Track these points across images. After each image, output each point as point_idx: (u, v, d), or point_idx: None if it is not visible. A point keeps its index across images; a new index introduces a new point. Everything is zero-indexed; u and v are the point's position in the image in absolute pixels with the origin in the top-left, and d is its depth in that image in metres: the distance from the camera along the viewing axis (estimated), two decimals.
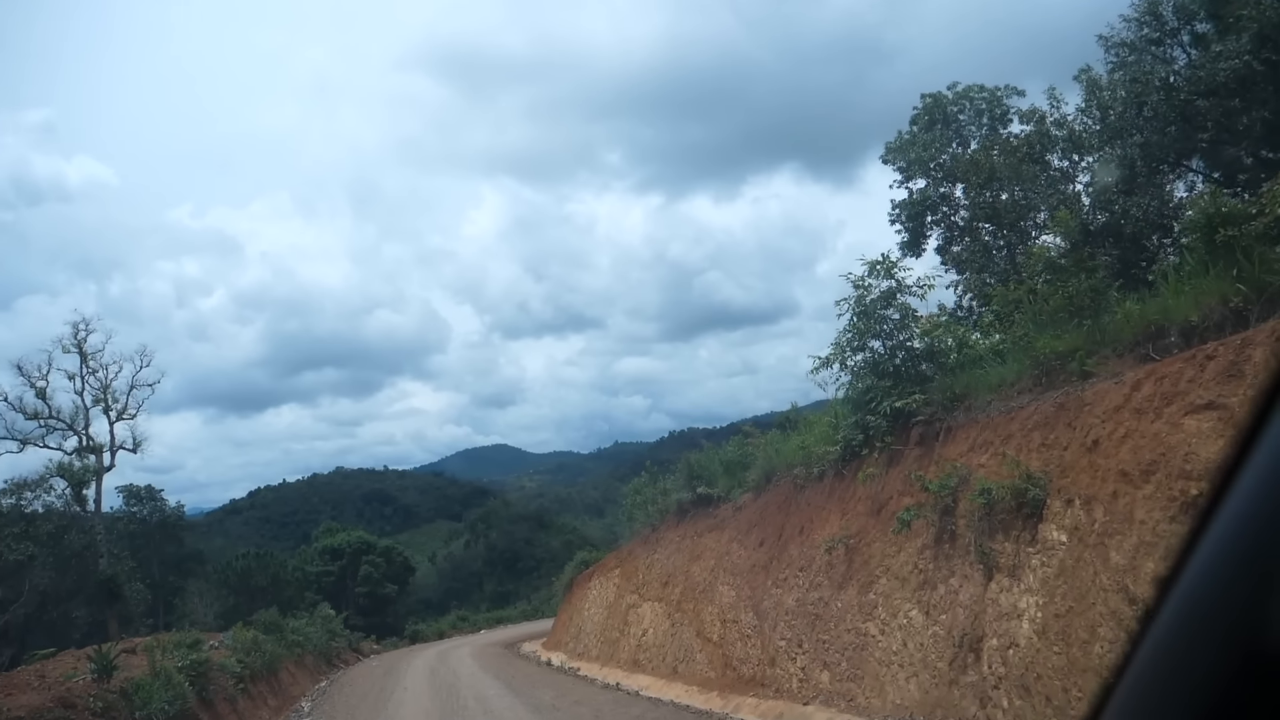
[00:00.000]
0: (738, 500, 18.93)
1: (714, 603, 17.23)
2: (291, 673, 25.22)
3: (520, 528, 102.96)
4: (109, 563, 33.65)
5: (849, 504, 13.56)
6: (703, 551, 19.19)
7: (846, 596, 12.47)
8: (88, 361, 35.12)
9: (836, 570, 12.98)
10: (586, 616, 27.86)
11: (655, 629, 20.22)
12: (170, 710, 13.66)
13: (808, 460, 15.54)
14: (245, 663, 19.65)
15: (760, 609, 15.09)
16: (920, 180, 24.10)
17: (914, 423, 12.72)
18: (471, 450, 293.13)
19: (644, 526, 25.29)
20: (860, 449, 13.84)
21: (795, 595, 13.99)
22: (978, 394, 11.87)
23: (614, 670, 21.01)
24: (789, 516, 15.51)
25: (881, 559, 12.00)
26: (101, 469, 34.45)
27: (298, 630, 29.63)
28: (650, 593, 21.53)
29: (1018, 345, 11.98)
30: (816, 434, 15.63)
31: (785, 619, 14.05)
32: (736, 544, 17.27)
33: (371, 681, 24.71)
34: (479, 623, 61.19)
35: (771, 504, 16.54)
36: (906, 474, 12.28)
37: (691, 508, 21.48)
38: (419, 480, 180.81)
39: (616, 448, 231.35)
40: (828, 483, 14.63)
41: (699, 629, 17.55)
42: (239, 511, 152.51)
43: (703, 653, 17.06)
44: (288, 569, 59.67)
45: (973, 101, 24.33)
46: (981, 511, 10.16)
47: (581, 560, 34.73)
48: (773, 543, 15.63)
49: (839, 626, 12.41)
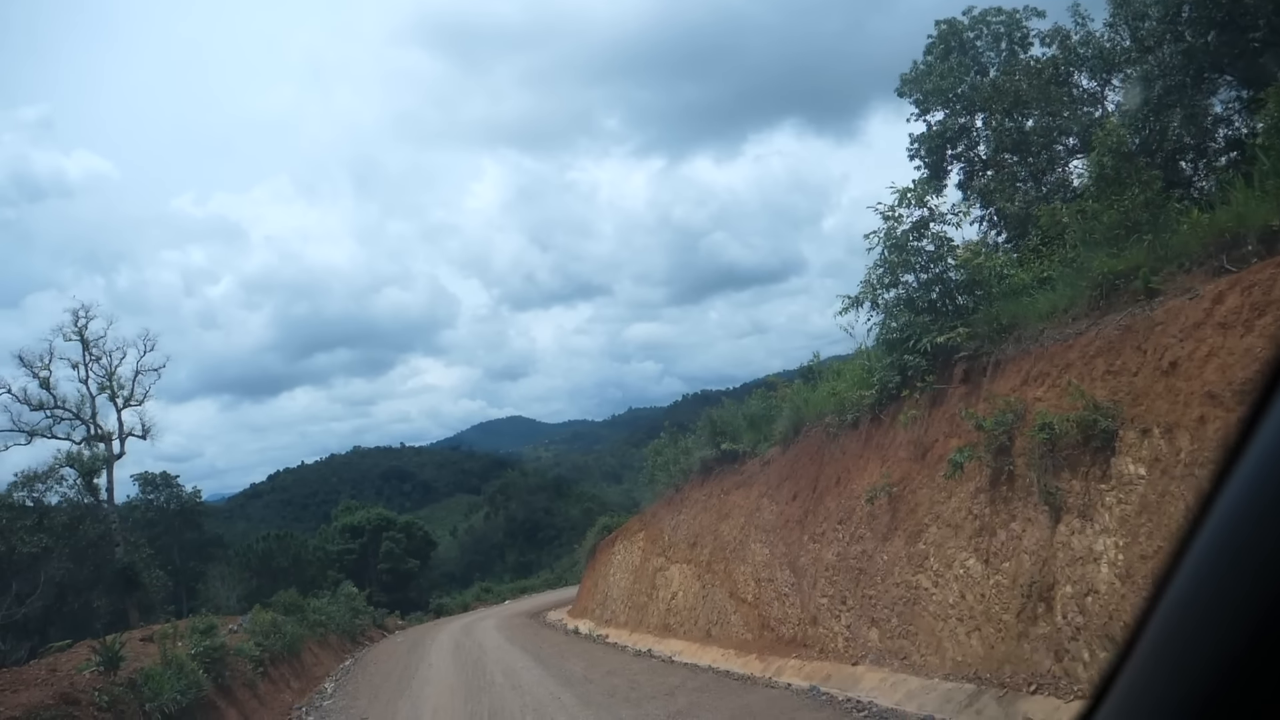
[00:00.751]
0: (764, 455, 18.12)
1: (746, 562, 16.48)
2: (315, 653, 24.71)
3: (539, 498, 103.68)
4: (125, 551, 33.15)
5: (889, 450, 12.70)
6: (731, 509, 18.41)
7: (893, 548, 11.65)
8: (90, 349, 34.44)
9: (880, 521, 12.15)
10: (612, 582, 27.24)
11: (685, 592, 19.51)
12: (184, 700, 13.00)
13: (840, 408, 14.67)
14: (264, 645, 19.06)
15: (797, 566, 14.31)
16: (939, 113, 22.99)
17: (957, 359, 11.82)
18: (487, 423, 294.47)
19: (667, 488, 24.54)
20: (897, 391, 12.96)
21: (835, 550, 13.18)
22: (1027, 324, 10.93)
23: (644, 636, 20.37)
24: (823, 468, 14.67)
25: (930, 506, 11.16)
26: (112, 457, 33.87)
27: (319, 610, 29.12)
28: (678, 554, 20.81)
29: (1069, 268, 11.03)
30: (849, 379, 14.74)
31: (825, 575, 13.26)
32: (767, 500, 16.46)
33: (395, 659, 24.17)
34: (503, 593, 61.03)
35: (802, 456, 15.70)
36: (952, 414, 11.41)
37: (716, 465, 20.69)
38: (436, 456, 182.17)
39: (631, 414, 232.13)
40: (863, 430, 13.77)
41: (732, 589, 16.81)
42: (260, 495, 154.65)
43: (737, 614, 16.33)
44: (309, 549, 59.50)
45: (990, 26, 23.09)
46: (1043, 448, 9.28)
47: (604, 525, 34.09)
48: (807, 496, 14.81)
49: (886, 580, 11.60)
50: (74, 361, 34.38)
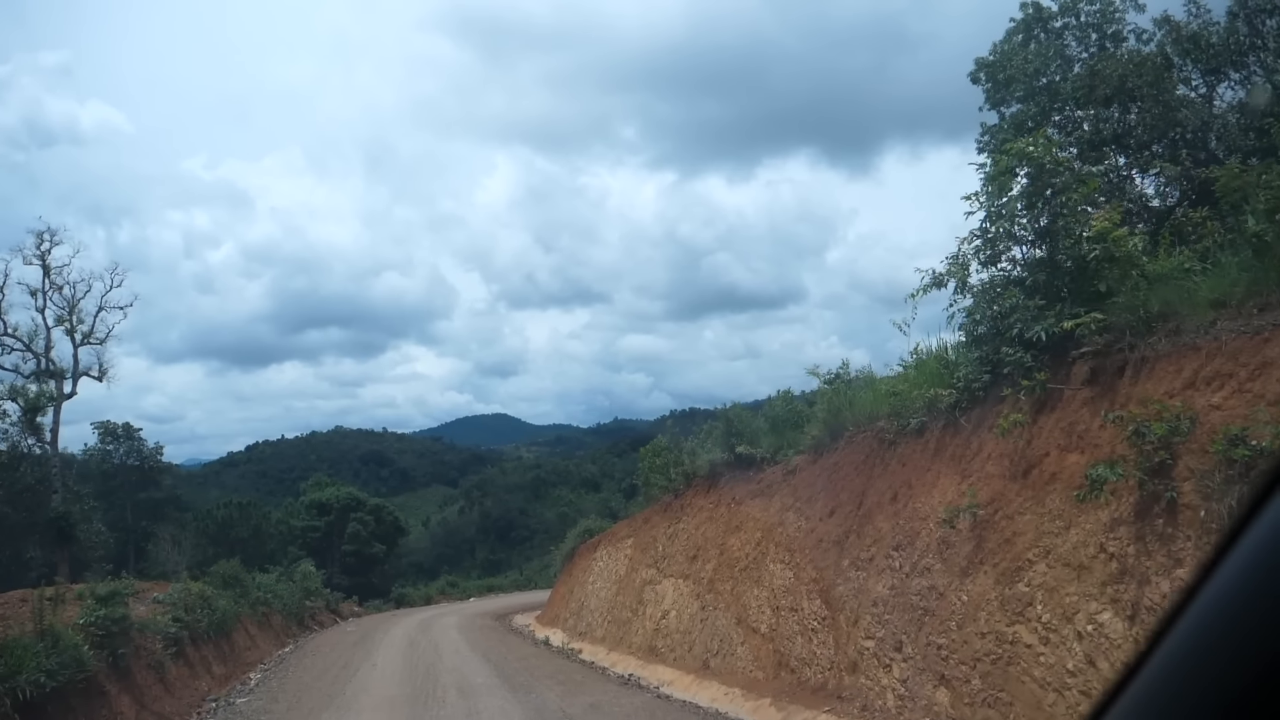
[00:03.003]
0: (789, 462, 15.50)
1: (762, 584, 13.81)
2: (250, 635, 21.92)
3: (515, 497, 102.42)
4: (63, 500, 30.23)
5: (971, 463, 10.07)
6: (744, 522, 15.76)
7: (977, 587, 9.00)
8: (50, 276, 31.58)
9: (958, 550, 9.50)
10: (590, 591, 24.51)
11: (680, 611, 16.82)
12: (54, 681, 10.29)
13: (899, 410, 12.06)
14: (184, 622, 16.30)
15: (832, 596, 11.64)
16: (1013, 105, 20.48)
17: (1078, 355, 9.20)
18: (471, 418, 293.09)
19: (664, 492, 21.89)
20: (987, 392, 10.40)
21: (888, 581, 10.52)
22: (1188, 313, 8.33)
23: (625, 657, 17.66)
24: (871, 480, 12.04)
25: (1037, 537, 8.52)
26: (61, 396, 30.99)
27: (264, 586, 26.31)
28: (673, 568, 18.13)
29: (1250, 246, 8.46)
30: (913, 378, 12.13)
31: (873, 612, 10.60)
32: (793, 514, 13.82)
33: (338, 652, 21.31)
34: (469, 590, 58.14)
35: (844, 465, 13.07)
36: (1070, 422, 8.81)
37: (727, 471, 18.05)
38: (417, 444, 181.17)
39: (616, 424, 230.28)
40: (932, 437, 11.15)
41: (740, 616, 14.13)
42: (235, 465, 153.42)
43: (745, 646, 13.64)
44: (270, 521, 56.67)
45: (1081, 15, 20.65)
46: (1229, 471, 6.68)
47: (585, 529, 31.35)
48: (849, 513, 12.16)
49: (966, 628, 8.94)
50: (32, 288, 31.51)
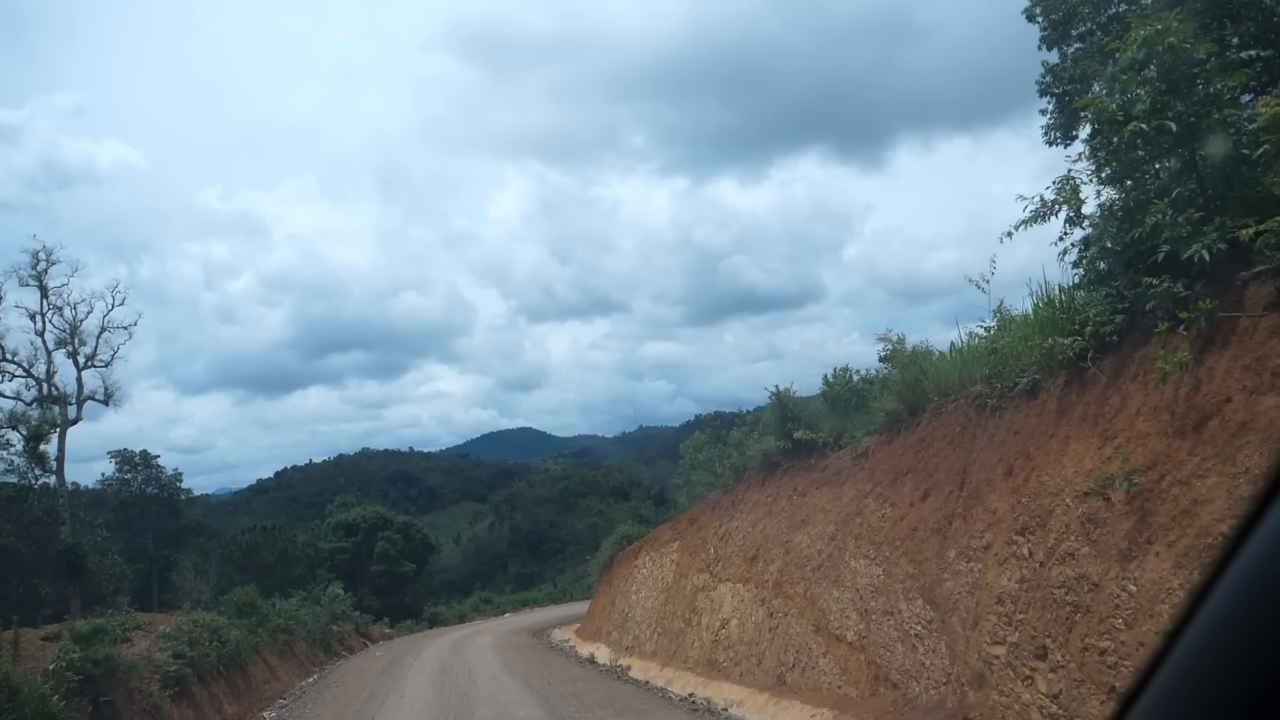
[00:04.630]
0: (858, 444, 13.64)
1: (842, 584, 11.89)
2: (270, 666, 20.20)
3: (545, 510, 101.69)
4: (71, 530, 28.70)
5: (1114, 421, 8.13)
6: (811, 514, 13.87)
7: (1148, 573, 7.05)
8: (49, 297, 30.10)
9: (1112, 530, 7.56)
10: (635, 601, 22.63)
11: (742, 620, 14.91)
12: None
13: (1001, 371, 10.16)
14: (188, 657, 14.57)
15: (938, 594, 9.72)
16: (1075, 44, 18.49)
17: (1252, 275, 7.28)
18: (496, 433, 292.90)
19: (711, 489, 20.02)
20: (1118, 336, 8.51)
21: (1015, 573, 8.59)
22: None
23: (681, 673, 15.77)
24: (974, 455, 10.12)
25: (1230, 504, 6.58)
26: (65, 422, 29.49)
27: (285, 613, 24.59)
28: (730, 571, 16.23)
29: None
30: (1022, 331, 10.21)
31: (997, 611, 8.66)
32: (873, 500, 11.91)
33: (363, 682, 19.50)
34: (503, 605, 56.44)
35: (934, 440, 11.17)
36: (1255, 358, 6.88)
37: (783, 460, 16.20)
38: (444, 462, 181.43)
39: (641, 432, 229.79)
40: (1050, 396, 9.23)
41: (818, 622, 12.21)
42: (266, 491, 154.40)
43: (829, 657, 11.71)
44: (297, 545, 55.15)
45: None
46: None
47: (623, 535, 29.47)
48: (949, 495, 10.24)
49: (1139, 626, 7.00)
50: (30, 311, 30.06)
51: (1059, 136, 19.02)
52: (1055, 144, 19.18)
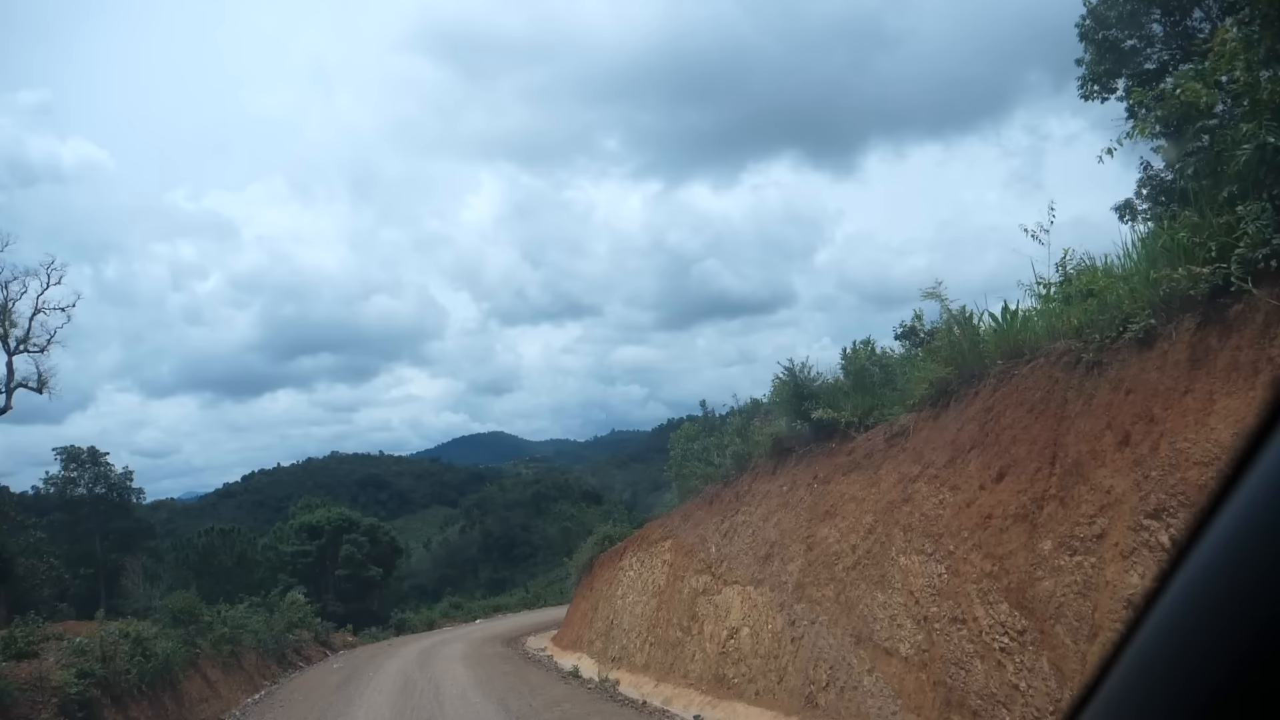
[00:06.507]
0: (893, 422, 11.63)
1: (890, 586, 9.85)
2: (210, 682, 17.85)
3: (517, 514, 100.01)
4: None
5: None
6: (838, 505, 11.82)
7: None
8: None
9: None
10: (621, 607, 20.50)
11: (755, 629, 12.82)
12: None
13: (1096, 320, 8.17)
14: (97, 676, 12.24)
15: (1031, 597, 7.69)
16: None
17: None
18: (468, 437, 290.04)
19: (707, 481, 17.98)
20: (1277, 261, 6.57)
21: (1149, 566, 6.57)
22: None
23: (683, 690, 13.67)
24: (1068, 422, 8.10)
25: None
26: None
27: (232, 620, 22.17)
28: (737, 572, 14.15)
29: None
30: (1137, 266, 8.24)
31: (1125, 616, 6.62)
32: (926, 484, 9.89)
33: (312, 702, 17.09)
34: (474, 611, 54.06)
35: (1005, 409, 9.15)
36: None
37: (798, 445, 14.18)
38: (415, 466, 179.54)
39: (614, 435, 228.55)
40: (1173, 345, 7.23)
41: (859, 631, 10.15)
42: (233, 495, 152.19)
43: (876, 674, 9.65)
44: (257, 548, 52.48)
45: None
46: None
47: (605, 535, 27.33)
48: (1036, 472, 8.22)
49: None
50: None
51: (1096, 89, 17.23)
52: (1092, 98, 17.39)
